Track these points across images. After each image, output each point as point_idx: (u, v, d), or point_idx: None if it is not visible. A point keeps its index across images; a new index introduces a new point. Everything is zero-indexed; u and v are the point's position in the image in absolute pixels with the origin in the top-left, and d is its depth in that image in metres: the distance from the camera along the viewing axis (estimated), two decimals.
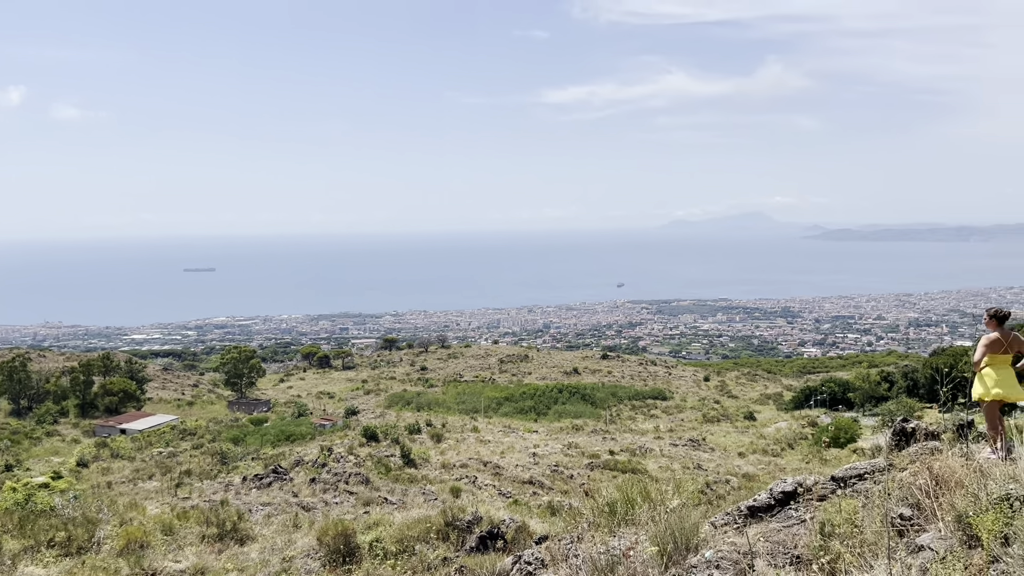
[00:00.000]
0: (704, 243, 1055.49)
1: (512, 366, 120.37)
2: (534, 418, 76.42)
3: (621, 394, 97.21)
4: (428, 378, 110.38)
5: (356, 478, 36.42)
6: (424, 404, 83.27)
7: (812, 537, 6.80)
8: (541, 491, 39.58)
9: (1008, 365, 8.52)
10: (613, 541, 8.26)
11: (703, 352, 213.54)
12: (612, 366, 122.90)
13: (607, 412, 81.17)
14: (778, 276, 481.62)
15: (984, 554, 5.49)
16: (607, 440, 55.94)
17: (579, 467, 45.51)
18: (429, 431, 52.99)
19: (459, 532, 17.04)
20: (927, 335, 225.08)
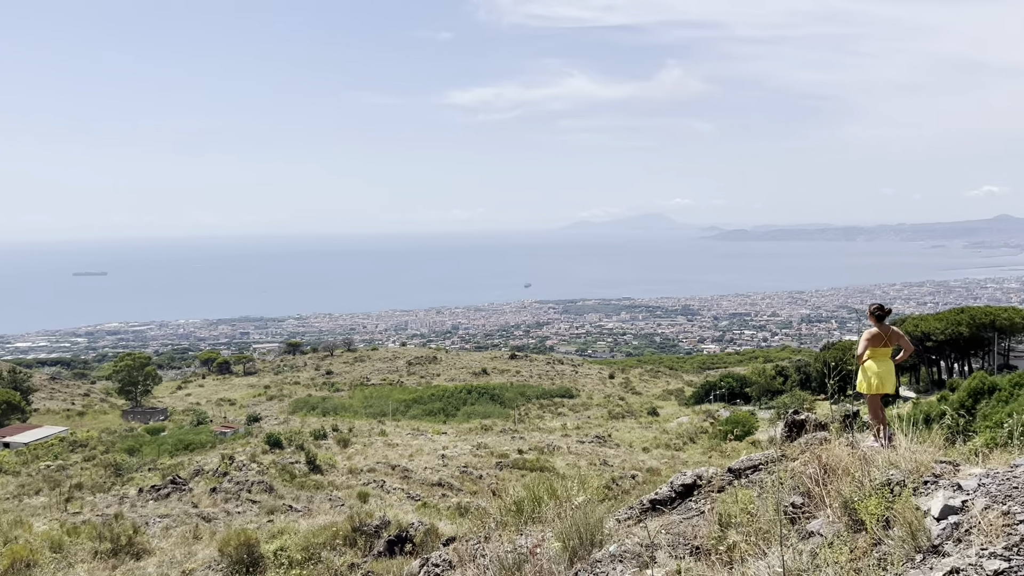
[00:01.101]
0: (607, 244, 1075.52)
1: (420, 368, 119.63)
2: (443, 420, 76.15)
3: (529, 393, 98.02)
4: (334, 382, 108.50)
5: (259, 486, 35.44)
6: (330, 409, 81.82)
7: (711, 527, 7.04)
8: (450, 493, 39.49)
9: (888, 358, 9.04)
10: (520, 539, 8.33)
11: (608, 350, 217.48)
12: (520, 366, 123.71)
13: (516, 412, 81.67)
14: (678, 275, 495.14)
15: (868, 537, 5.81)
16: (516, 439, 56.29)
17: (488, 467, 45.62)
18: (335, 436, 52.10)
19: (367, 537, 16.84)
20: (818, 330, 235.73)
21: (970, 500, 5.55)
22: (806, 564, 5.64)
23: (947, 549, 5.08)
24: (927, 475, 6.49)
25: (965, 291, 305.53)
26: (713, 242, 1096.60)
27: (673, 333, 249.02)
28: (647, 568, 6.57)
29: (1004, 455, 7.94)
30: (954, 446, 8.58)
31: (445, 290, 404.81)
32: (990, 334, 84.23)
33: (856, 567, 5.43)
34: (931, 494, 5.94)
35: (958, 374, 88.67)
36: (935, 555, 5.09)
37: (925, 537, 5.33)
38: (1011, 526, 4.95)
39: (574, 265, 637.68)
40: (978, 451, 8.37)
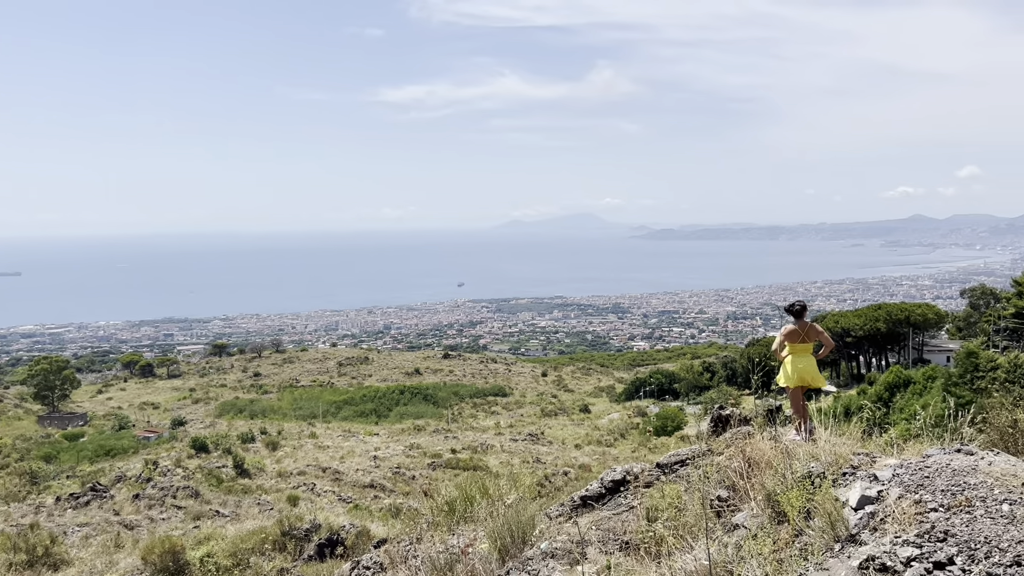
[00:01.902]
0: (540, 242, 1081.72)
1: (352, 369, 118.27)
2: (375, 421, 75.46)
3: (463, 392, 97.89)
4: (262, 384, 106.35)
5: (185, 492, 34.51)
6: (258, 411, 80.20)
7: (639, 522, 7.14)
8: (383, 494, 39.17)
9: (809, 353, 9.32)
10: (452, 539, 8.31)
11: (541, 348, 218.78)
12: (454, 365, 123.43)
13: (449, 411, 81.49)
14: (609, 274, 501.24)
15: (790, 528, 5.98)
16: (449, 439, 56.15)
17: (421, 467, 45.40)
18: (264, 439, 51.09)
19: (297, 541, 16.57)
20: (743, 327, 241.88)
21: (885, 490, 5.77)
22: (731, 556, 5.78)
23: (864, 538, 5.26)
24: (846, 467, 6.71)
25: (882, 288, 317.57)
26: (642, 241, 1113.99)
27: (604, 331, 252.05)
28: (578, 564, 6.63)
29: (917, 446, 8.27)
30: (871, 438, 8.91)
31: (377, 289, 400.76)
32: (905, 330, 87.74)
33: (779, 558, 5.58)
34: (849, 485, 6.15)
35: (876, 368, 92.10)
36: (853, 544, 5.28)
37: (843, 527, 5.52)
38: (923, 514, 5.16)
39: (507, 264, 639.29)
40: (893, 442, 8.69)
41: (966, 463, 6.18)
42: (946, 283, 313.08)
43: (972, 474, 5.75)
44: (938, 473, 5.85)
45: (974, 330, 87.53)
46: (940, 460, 6.33)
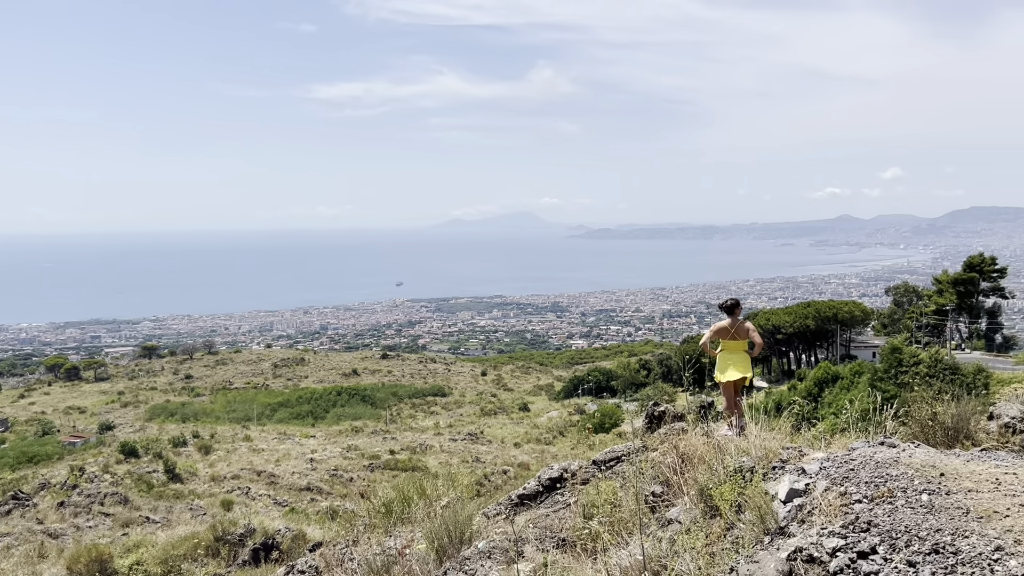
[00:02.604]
0: (479, 242, 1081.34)
1: (287, 370, 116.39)
2: (312, 423, 74.46)
3: (401, 393, 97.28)
4: (194, 387, 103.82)
5: (113, 498, 33.48)
6: (190, 415, 78.33)
7: (576, 519, 7.20)
8: (320, 497, 38.68)
9: (741, 350, 9.52)
10: (389, 541, 8.24)
11: (480, 348, 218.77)
12: (392, 365, 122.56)
13: (387, 412, 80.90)
14: (548, 273, 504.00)
15: (722, 522, 6.10)
16: (388, 440, 55.74)
17: (359, 469, 44.97)
18: (196, 443, 49.91)
19: (231, 546, 16.24)
20: (678, 325, 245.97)
21: (812, 483, 5.93)
22: (666, 551, 5.87)
23: (792, 530, 5.40)
24: (775, 461, 6.88)
25: (811, 286, 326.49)
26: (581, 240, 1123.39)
27: (543, 329, 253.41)
28: (515, 563, 6.64)
29: (844, 439, 8.53)
30: (800, 433, 9.15)
31: (313, 289, 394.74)
32: (834, 327, 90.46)
33: (711, 551, 5.69)
34: (778, 479, 6.31)
35: (806, 364, 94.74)
36: (782, 536, 5.41)
37: (773, 520, 5.65)
38: (847, 505, 5.32)
39: (447, 263, 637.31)
40: (821, 436, 8.94)
41: (889, 455, 6.39)
42: (872, 281, 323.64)
43: (894, 466, 5.96)
44: (862, 465, 6.04)
45: (898, 326, 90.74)
46: (865, 453, 6.54)
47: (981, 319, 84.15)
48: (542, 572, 6.11)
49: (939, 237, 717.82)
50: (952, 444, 8.73)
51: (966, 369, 56.93)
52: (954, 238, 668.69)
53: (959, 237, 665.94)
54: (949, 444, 8.73)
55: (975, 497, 5.18)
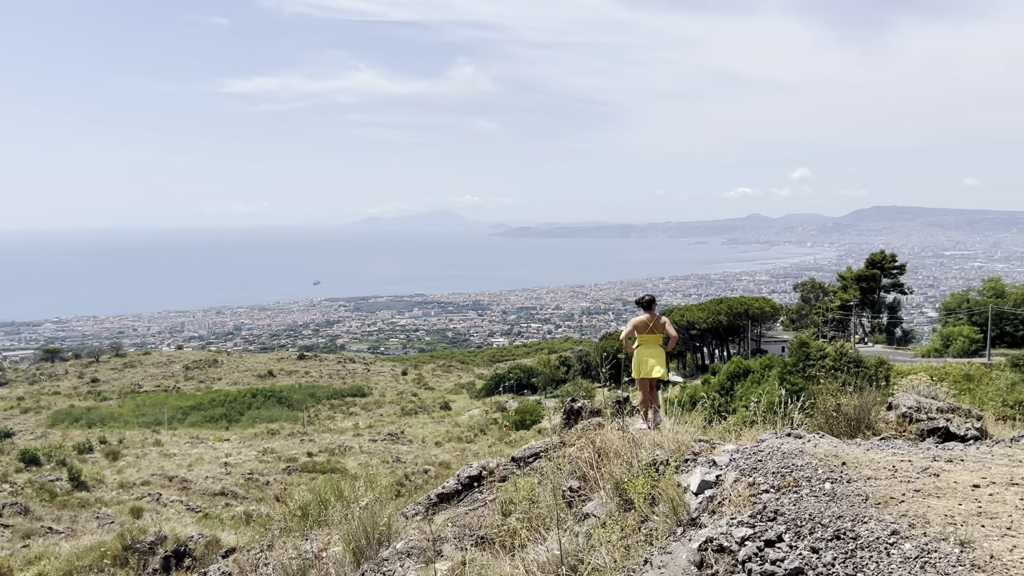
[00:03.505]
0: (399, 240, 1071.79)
1: (200, 372, 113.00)
2: (226, 426, 72.58)
3: (320, 394, 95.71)
4: (101, 391, 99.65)
5: (13, 509, 31.82)
6: (97, 420, 75.26)
7: (495, 517, 7.23)
8: (235, 501, 37.70)
9: (657, 345, 9.73)
10: (305, 545, 8.10)
11: (401, 347, 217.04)
12: (310, 366, 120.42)
13: (305, 413, 79.49)
14: (469, 271, 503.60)
15: (636, 515, 6.22)
16: (305, 442, 54.78)
17: (276, 472, 44.03)
18: (103, 449, 47.98)
19: (140, 555, 15.67)
20: (597, 322, 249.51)
21: (723, 474, 6.10)
22: (582, 545, 5.95)
23: (703, 521, 5.55)
24: (688, 453, 7.06)
25: (724, 283, 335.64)
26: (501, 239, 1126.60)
27: (465, 328, 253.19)
28: (434, 562, 6.62)
29: (753, 431, 8.81)
30: (712, 425, 9.41)
31: (226, 289, 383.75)
32: (745, 322, 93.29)
33: (626, 544, 5.80)
34: (691, 471, 6.47)
35: (719, 359, 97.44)
36: (693, 527, 5.55)
37: (685, 511, 5.80)
38: (756, 496, 5.50)
39: (366, 262, 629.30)
40: (732, 429, 9.21)
41: (795, 446, 6.64)
42: (781, 278, 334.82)
43: (800, 456, 6.19)
44: (770, 456, 6.25)
45: (805, 321, 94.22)
46: (772, 444, 6.77)
47: (883, 314, 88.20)
48: (460, 570, 6.11)
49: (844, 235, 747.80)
50: (855, 434, 9.13)
51: (869, 362, 59.58)
52: (857, 236, 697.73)
53: (862, 235, 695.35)
54: (852, 434, 9.12)
55: (874, 484, 5.43)
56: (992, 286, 78.10)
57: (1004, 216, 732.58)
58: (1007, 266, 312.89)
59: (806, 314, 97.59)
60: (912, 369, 54.69)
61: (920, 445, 7.30)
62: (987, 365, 59.48)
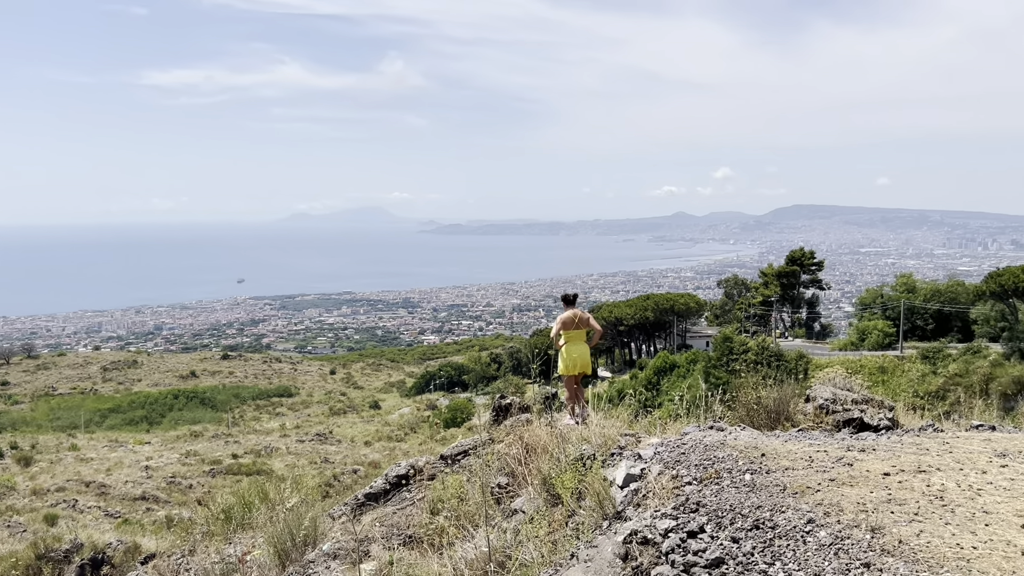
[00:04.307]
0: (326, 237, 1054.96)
1: (119, 374, 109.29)
2: (147, 428, 70.39)
3: (245, 395, 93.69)
4: (11, 394, 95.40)
5: None
6: (7, 424, 72.02)
7: (423, 515, 7.20)
8: (156, 506, 36.59)
9: (582, 341, 9.84)
10: (229, 549, 7.92)
11: (329, 346, 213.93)
12: (234, 366, 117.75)
13: (229, 415, 77.68)
14: (399, 268, 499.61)
15: (564, 510, 6.28)
16: (230, 444, 53.57)
17: (199, 475, 42.89)
18: (15, 454, 45.91)
19: (55, 564, 15.07)
20: (528, 319, 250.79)
21: (648, 468, 6.21)
22: (510, 541, 5.97)
23: (628, 514, 5.64)
24: (614, 447, 7.15)
25: (650, 280, 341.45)
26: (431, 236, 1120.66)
27: (395, 326, 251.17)
28: (361, 563, 6.55)
29: (678, 425, 8.99)
30: (638, 420, 9.56)
31: (146, 287, 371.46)
32: (671, 318, 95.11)
33: (553, 539, 5.85)
34: (616, 465, 6.56)
35: (646, 354, 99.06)
36: (619, 520, 5.63)
37: (611, 505, 5.88)
38: (679, 488, 5.61)
39: (292, 259, 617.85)
40: (657, 423, 9.37)
41: (717, 438, 6.80)
42: (705, 274, 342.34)
43: (721, 448, 6.34)
44: (693, 449, 6.39)
45: (729, 317, 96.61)
46: (696, 437, 6.92)
47: (802, 309, 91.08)
48: (387, 570, 6.07)
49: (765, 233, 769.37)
50: (774, 426, 9.40)
51: (789, 355, 61.49)
52: (778, 234, 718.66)
53: (782, 233, 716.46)
54: (772, 426, 9.40)
55: (791, 474, 5.60)
56: (904, 282, 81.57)
57: (915, 214, 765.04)
58: (918, 262, 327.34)
59: (729, 310, 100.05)
60: (829, 362, 56.66)
61: (836, 436, 7.56)
62: (900, 357, 62.10)
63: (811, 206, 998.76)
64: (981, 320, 67.10)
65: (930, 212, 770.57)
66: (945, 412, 13.60)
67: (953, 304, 72.78)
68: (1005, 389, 48.98)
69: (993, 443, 6.33)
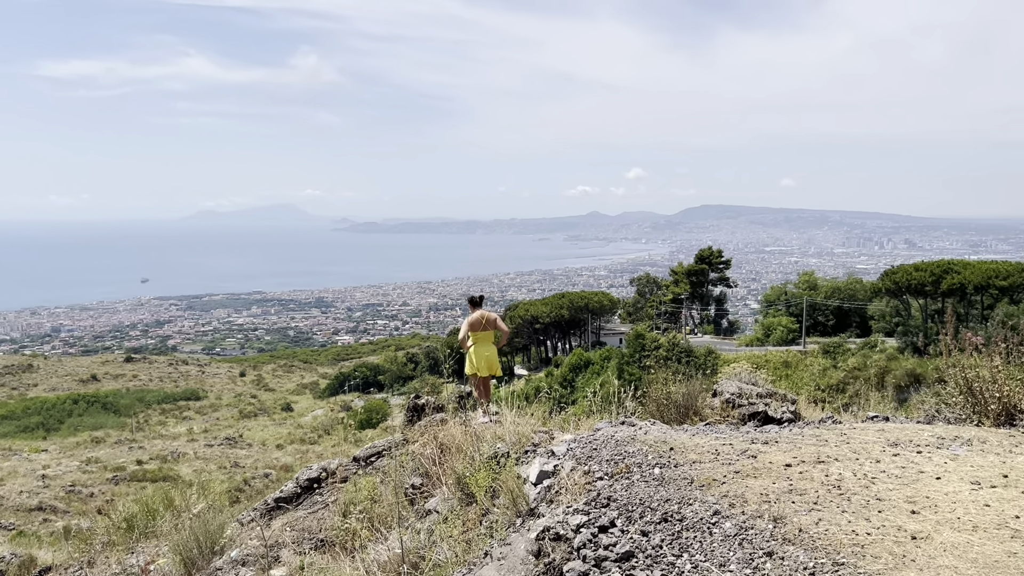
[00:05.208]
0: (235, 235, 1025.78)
1: (12, 379, 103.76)
2: (43, 436, 67.13)
3: (150, 399, 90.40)
4: None
5: None
6: None
7: (335, 518, 7.09)
8: (54, 516, 34.94)
9: (490, 342, 9.87)
10: (131, 559, 7.63)
11: (239, 347, 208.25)
12: (138, 369, 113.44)
13: (133, 419, 74.79)
14: (311, 267, 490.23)
15: (478, 508, 6.28)
16: (134, 449, 51.61)
17: (101, 483, 41.17)
18: None
19: None
20: (445, 317, 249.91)
21: (561, 464, 6.28)
22: (424, 542, 5.94)
23: (542, 510, 5.69)
24: (528, 445, 7.20)
25: (566, 279, 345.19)
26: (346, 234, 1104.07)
27: (307, 326, 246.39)
28: (270, 568, 6.41)
29: (591, 421, 9.12)
30: (553, 416, 9.66)
31: (43, 288, 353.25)
32: (586, 315, 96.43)
33: (468, 538, 5.84)
34: (530, 462, 6.61)
35: (562, 351, 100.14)
36: (532, 517, 5.68)
37: (524, 502, 5.91)
38: (591, 483, 5.69)
39: (199, 258, 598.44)
40: (571, 419, 9.48)
41: (628, 433, 6.93)
42: (618, 273, 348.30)
43: (632, 443, 6.46)
44: (604, 444, 6.49)
45: (641, 314, 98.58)
46: (607, 432, 7.03)
47: (711, 306, 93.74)
48: (299, 575, 5.95)
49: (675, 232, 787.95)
50: (683, 420, 9.64)
51: (699, 351, 63.18)
52: (688, 233, 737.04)
53: (692, 232, 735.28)
54: (681, 420, 9.63)
55: (699, 468, 5.76)
56: (806, 280, 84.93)
57: (817, 215, 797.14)
58: (819, 261, 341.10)
59: (642, 307, 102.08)
60: (736, 358, 58.51)
61: (741, 429, 7.81)
62: (803, 352, 64.63)
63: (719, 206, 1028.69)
64: (878, 316, 70.50)
65: (831, 212, 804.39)
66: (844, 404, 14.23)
67: (852, 301, 76.22)
68: (899, 381, 51.60)
69: (886, 433, 6.65)
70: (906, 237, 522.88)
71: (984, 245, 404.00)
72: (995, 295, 58.29)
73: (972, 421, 7.42)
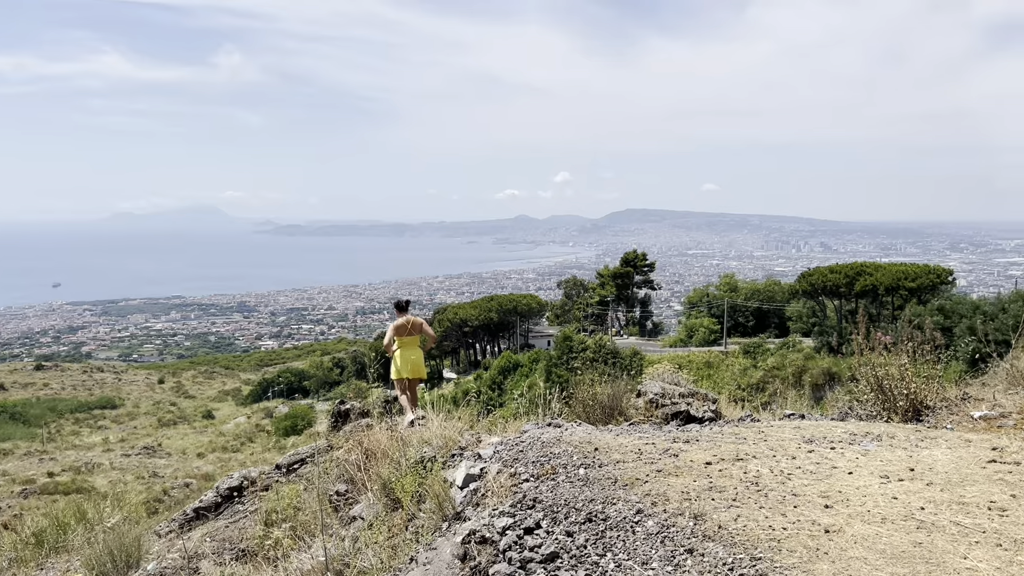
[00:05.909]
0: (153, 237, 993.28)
1: None
2: None
3: (62, 408, 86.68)
4: None
5: None
6: None
7: (257, 528, 6.93)
8: None
9: (416, 346, 9.83)
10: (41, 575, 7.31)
11: (157, 353, 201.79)
12: (49, 377, 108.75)
13: (44, 430, 71.65)
14: (233, 271, 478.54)
15: (404, 514, 6.24)
16: (45, 461, 49.48)
17: (9, 497, 39.30)
18: None
19: None
20: (372, 321, 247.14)
21: (487, 467, 6.28)
22: (348, 549, 5.86)
23: (468, 514, 5.68)
24: (455, 448, 7.19)
25: (494, 282, 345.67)
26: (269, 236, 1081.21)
27: (229, 331, 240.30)
28: None
29: (518, 423, 9.16)
30: (480, 419, 9.66)
31: None
32: (514, 318, 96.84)
33: (393, 544, 5.79)
34: (457, 465, 6.60)
35: (491, 354, 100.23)
36: (458, 521, 5.66)
37: (451, 506, 5.90)
38: (517, 485, 5.71)
39: (115, 261, 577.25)
40: (498, 422, 9.50)
41: (554, 435, 6.98)
42: (546, 276, 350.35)
43: (557, 444, 6.51)
44: (531, 446, 6.53)
45: (569, 317, 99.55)
46: (534, 434, 7.07)
47: (636, 308, 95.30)
48: None
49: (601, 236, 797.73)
50: (608, 421, 9.77)
51: (624, 353, 64.09)
52: (613, 237, 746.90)
53: (617, 236, 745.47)
54: (606, 421, 9.76)
55: (622, 467, 5.84)
56: (727, 282, 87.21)
57: (737, 219, 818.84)
58: (740, 263, 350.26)
59: (569, 309, 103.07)
60: (660, 358, 59.64)
61: (664, 428, 7.96)
62: (724, 353, 66.30)
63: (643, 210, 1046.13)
64: (795, 317, 72.83)
65: (750, 216, 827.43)
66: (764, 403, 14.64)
67: (771, 302, 78.55)
68: (816, 380, 53.42)
69: (802, 430, 6.87)
70: (822, 240, 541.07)
71: (895, 248, 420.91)
72: (905, 296, 60.90)
73: (882, 417, 7.74)
